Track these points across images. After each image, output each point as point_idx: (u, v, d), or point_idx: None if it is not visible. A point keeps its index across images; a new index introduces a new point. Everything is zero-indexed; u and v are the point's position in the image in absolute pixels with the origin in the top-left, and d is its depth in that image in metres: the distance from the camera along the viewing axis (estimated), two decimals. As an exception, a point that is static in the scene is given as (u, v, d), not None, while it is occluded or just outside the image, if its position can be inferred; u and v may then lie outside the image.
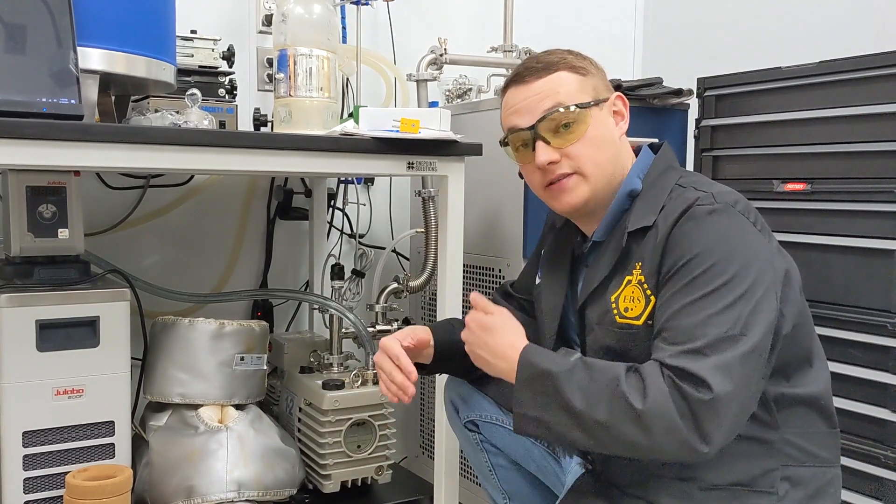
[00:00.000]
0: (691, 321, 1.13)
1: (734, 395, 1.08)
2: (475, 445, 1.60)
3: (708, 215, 1.19)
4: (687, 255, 1.17)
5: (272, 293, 2.23)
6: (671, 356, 1.11)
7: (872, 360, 1.58)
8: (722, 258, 1.15)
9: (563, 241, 1.46)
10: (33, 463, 1.54)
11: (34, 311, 1.53)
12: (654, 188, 1.29)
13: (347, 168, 1.69)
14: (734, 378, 1.09)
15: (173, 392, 1.77)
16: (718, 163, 1.92)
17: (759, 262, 1.16)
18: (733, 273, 1.14)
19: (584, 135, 1.30)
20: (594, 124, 1.31)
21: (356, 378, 1.85)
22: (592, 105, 1.31)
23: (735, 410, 1.09)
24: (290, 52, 1.73)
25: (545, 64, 1.33)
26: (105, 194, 2.09)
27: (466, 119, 2.07)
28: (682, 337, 1.12)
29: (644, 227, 1.25)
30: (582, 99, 1.31)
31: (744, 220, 1.20)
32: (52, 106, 1.39)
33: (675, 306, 1.15)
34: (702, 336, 1.11)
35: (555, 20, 2.68)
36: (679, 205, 1.22)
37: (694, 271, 1.15)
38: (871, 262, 1.59)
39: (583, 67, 1.34)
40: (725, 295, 1.13)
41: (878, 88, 1.58)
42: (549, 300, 1.44)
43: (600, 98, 1.33)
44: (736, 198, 1.23)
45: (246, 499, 1.65)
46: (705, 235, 1.17)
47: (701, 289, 1.14)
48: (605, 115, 1.34)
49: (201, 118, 1.70)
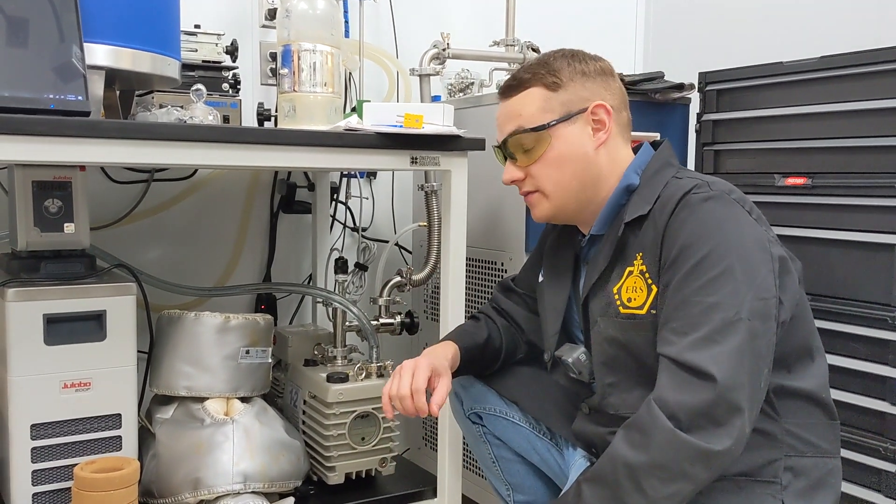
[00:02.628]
0: (694, 310, 1.14)
1: (743, 382, 1.10)
2: (479, 437, 1.62)
3: (703, 202, 1.20)
4: (684, 243, 1.18)
5: (277, 287, 2.25)
6: (679, 350, 1.13)
7: (872, 354, 1.59)
8: (719, 244, 1.16)
9: (565, 239, 1.47)
10: (41, 455, 1.55)
11: (41, 305, 1.54)
12: (650, 182, 1.30)
13: (351, 163, 1.70)
14: (744, 364, 1.10)
15: (179, 385, 1.78)
16: (720, 157, 1.92)
17: (756, 247, 1.18)
18: (732, 258, 1.15)
19: (542, 156, 1.34)
20: (556, 144, 1.33)
21: (360, 371, 1.87)
22: (555, 124, 1.33)
23: (748, 394, 1.11)
24: (293, 47, 1.74)
25: (518, 81, 1.37)
26: (109, 188, 2.10)
27: (469, 113, 2.08)
28: (687, 327, 1.14)
29: (640, 216, 1.27)
30: (543, 119, 1.33)
31: (739, 207, 1.22)
32: (59, 102, 1.40)
33: (678, 296, 1.17)
34: (706, 323, 1.12)
35: (557, 14, 2.69)
36: (674, 193, 1.24)
37: (692, 259, 1.17)
38: (871, 257, 1.60)
39: (556, 82, 1.34)
40: (725, 281, 1.14)
41: (879, 83, 1.59)
42: (552, 299, 1.45)
43: (572, 112, 1.33)
44: (731, 188, 1.25)
45: (252, 490, 1.67)
46: (701, 222, 1.19)
47: (700, 276, 1.15)
48: (577, 129, 1.34)
49: (206, 113, 1.71)
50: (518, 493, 1.62)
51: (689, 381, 1.11)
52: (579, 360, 1.38)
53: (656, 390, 1.15)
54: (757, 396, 1.14)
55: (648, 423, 1.12)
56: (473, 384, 1.61)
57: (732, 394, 1.09)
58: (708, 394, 1.09)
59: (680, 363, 1.13)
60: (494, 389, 1.58)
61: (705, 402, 1.09)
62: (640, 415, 1.14)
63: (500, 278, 2.00)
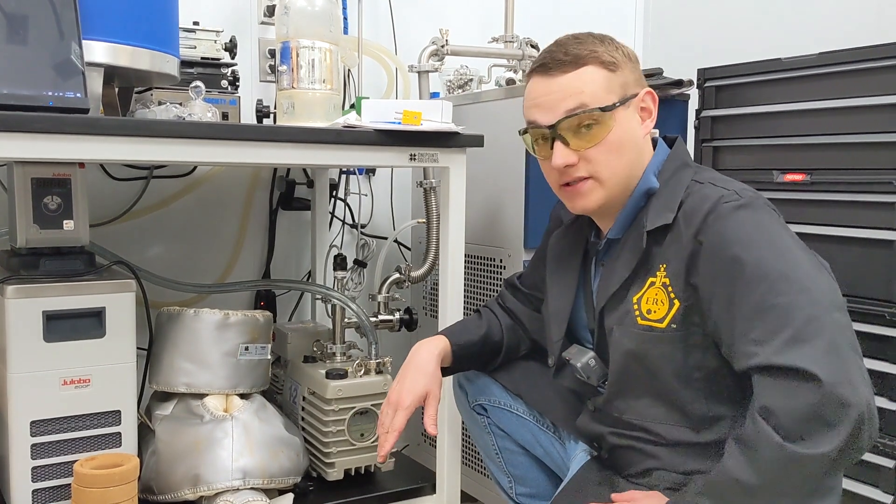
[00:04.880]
0: (769, 315, 1.08)
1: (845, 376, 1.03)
2: (482, 428, 1.62)
3: (736, 211, 1.15)
4: (729, 255, 1.13)
5: (276, 283, 2.25)
6: (768, 357, 1.07)
7: (872, 350, 1.59)
8: (769, 248, 1.12)
9: (574, 238, 1.43)
10: (41, 452, 1.56)
11: (41, 302, 1.54)
12: (669, 186, 1.26)
13: (350, 160, 1.71)
14: (840, 356, 1.04)
15: (179, 382, 1.78)
16: (718, 153, 1.93)
17: (800, 248, 1.15)
18: (786, 260, 1.11)
19: (604, 139, 1.24)
20: (617, 127, 1.25)
21: (359, 367, 1.87)
22: (618, 106, 1.25)
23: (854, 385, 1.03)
24: (292, 44, 1.74)
25: (573, 57, 1.25)
26: (108, 185, 2.10)
27: (468, 110, 2.08)
28: (767, 334, 1.08)
29: (664, 225, 1.22)
30: (607, 100, 1.24)
31: (771, 211, 1.19)
32: (58, 99, 1.40)
33: (745, 308, 1.10)
34: (788, 324, 1.06)
35: (556, 10, 2.68)
36: (701, 203, 1.18)
37: (745, 268, 1.11)
38: (870, 253, 1.60)
39: (613, 62, 1.26)
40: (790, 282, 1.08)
41: (877, 80, 1.59)
42: (556, 303, 1.43)
43: (628, 96, 1.27)
44: (757, 193, 1.21)
45: (251, 487, 1.67)
46: (742, 231, 1.14)
47: (762, 282, 1.09)
48: (631, 114, 1.28)
49: (205, 110, 1.71)
50: (520, 485, 1.62)
51: (789, 385, 1.04)
52: (588, 366, 1.36)
53: (757, 401, 1.07)
54: (865, 382, 1.05)
55: (754, 437, 1.06)
56: (479, 377, 1.61)
57: (838, 389, 1.01)
58: (812, 395, 1.02)
59: (775, 369, 1.06)
60: (500, 383, 1.58)
61: (811, 404, 1.02)
62: (747, 429, 1.08)
63: (498, 275, 2.01)
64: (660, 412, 1.27)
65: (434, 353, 1.46)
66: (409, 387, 1.41)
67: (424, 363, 1.44)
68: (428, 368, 1.43)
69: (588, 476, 1.38)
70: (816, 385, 1.02)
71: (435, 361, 1.45)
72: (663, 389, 1.25)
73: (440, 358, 1.46)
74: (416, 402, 1.39)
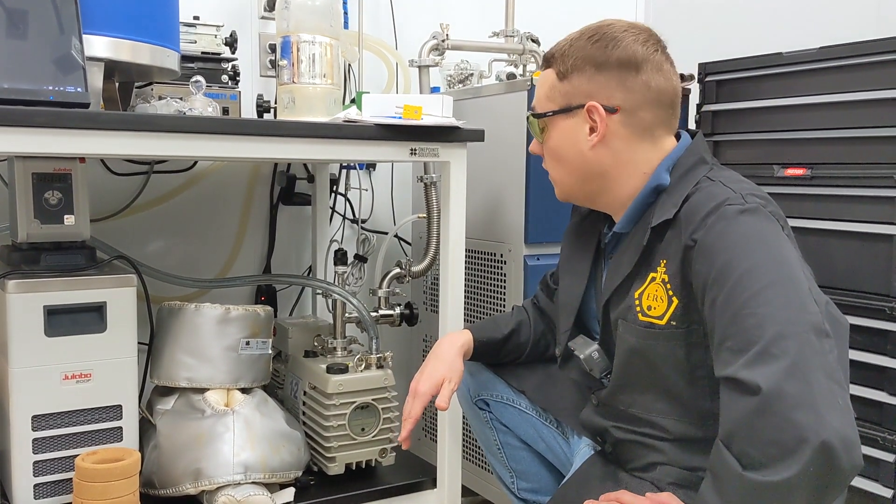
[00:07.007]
0: (746, 323, 1.06)
1: (808, 398, 0.98)
2: (484, 423, 1.62)
3: (739, 215, 1.14)
4: (725, 258, 1.11)
5: (276, 278, 2.25)
6: (741, 367, 1.04)
7: (871, 344, 1.60)
8: (762, 257, 1.09)
9: (588, 230, 1.43)
10: (43, 446, 1.56)
11: (42, 296, 1.55)
12: (680, 182, 1.24)
13: (351, 154, 1.71)
14: (808, 378, 1.00)
15: (180, 376, 1.78)
16: (719, 148, 1.93)
17: (797, 263, 1.12)
18: (777, 272, 1.08)
19: (546, 143, 1.33)
20: (554, 135, 1.31)
21: (360, 362, 1.87)
22: (553, 115, 1.29)
23: (824, 409, 0.97)
24: (293, 38, 1.74)
25: (545, 58, 1.34)
26: (109, 180, 2.10)
27: (468, 104, 2.08)
28: (742, 343, 1.05)
29: (666, 220, 1.21)
30: (545, 107, 1.31)
31: (775, 222, 1.16)
32: (58, 94, 1.40)
33: (728, 312, 1.09)
34: (760, 338, 1.03)
35: (556, 4, 2.68)
36: (705, 202, 1.17)
37: (735, 272, 1.09)
38: (870, 247, 1.60)
39: (564, 71, 1.27)
40: (774, 294, 1.06)
41: (877, 74, 1.59)
42: (566, 293, 1.43)
43: (571, 106, 1.27)
44: (766, 199, 1.19)
45: (252, 481, 1.67)
46: (737, 235, 1.12)
47: (746, 289, 1.07)
48: (573, 125, 1.28)
49: (206, 105, 1.71)
50: (522, 481, 1.62)
51: (747, 403, 1.01)
52: (591, 358, 1.36)
53: (721, 423, 1.06)
54: (836, 409, 0.99)
55: (719, 466, 1.04)
56: (482, 371, 1.61)
57: (793, 413, 0.97)
58: (768, 417, 0.99)
59: (738, 382, 1.03)
60: (503, 378, 1.59)
61: (766, 426, 0.99)
62: (713, 457, 1.06)
63: (499, 269, 2.01)
64: (665, 406, 1.27)
65: (456, 345, 1.51)
66: (427, 375, 1.46)
67: (444, 353, 1.49)
68: (447, 358, 1.48)
69: (592, 470, 1.38)
70: (769, 405, 0.99)
71: (455, 352, 1.49)
72: (667, 385, 1.25)
73: (462, 350, 1.51)
74: (432, 390, 1.44)
